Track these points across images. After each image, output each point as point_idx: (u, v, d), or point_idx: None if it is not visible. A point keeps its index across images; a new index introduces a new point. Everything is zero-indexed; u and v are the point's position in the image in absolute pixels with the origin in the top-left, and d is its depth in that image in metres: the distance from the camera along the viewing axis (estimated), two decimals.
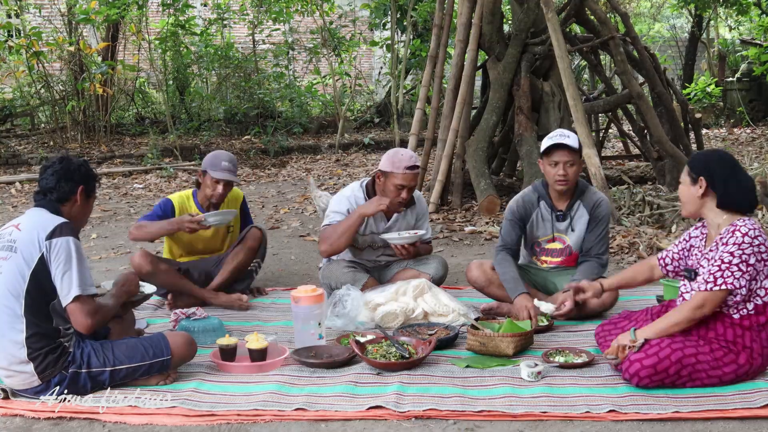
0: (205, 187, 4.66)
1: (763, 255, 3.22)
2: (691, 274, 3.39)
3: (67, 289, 3.16)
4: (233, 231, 4.91)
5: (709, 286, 3.20)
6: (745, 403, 3.09)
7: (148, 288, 3.84)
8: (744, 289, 3.20)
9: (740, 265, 3.18)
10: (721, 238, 3.26)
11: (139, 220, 4.68)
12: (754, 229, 3.22)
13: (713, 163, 3.33)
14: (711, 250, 3.30)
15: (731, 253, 3.19)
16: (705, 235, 3.45)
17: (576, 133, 7.55)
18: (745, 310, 3.26)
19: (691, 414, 3.03)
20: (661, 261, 3.62)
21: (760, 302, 3.25)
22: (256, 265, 4.87)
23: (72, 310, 3.18)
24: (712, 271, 3.21)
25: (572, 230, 4.39)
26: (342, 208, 4.58)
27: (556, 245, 4.44)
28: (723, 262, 3.20)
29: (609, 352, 3.38)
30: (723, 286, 3.18)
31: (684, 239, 3.55)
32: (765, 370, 3.36)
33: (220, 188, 4.61)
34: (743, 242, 3.19)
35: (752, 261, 3.19)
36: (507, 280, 4.25)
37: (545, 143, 4.28)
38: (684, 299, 3.40)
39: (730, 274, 3.18)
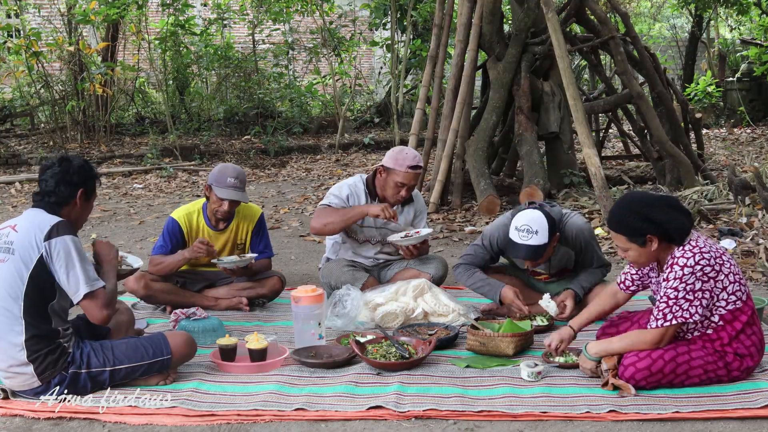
0: (211, 202, 4.54)
1: (709, 274, 3.19)
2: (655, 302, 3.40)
3: (75, 288, 3.16)
4: (242, 250, 4.72)
5: (660, 323, 3.21)
6: (745, 403, 3.09)
7: (132, 260, 3.80)
8: (697, 315, 3.20)
9: (686, 296, 3.18)
10: (667, 268, 3.25)
11: (152, 253, 4.60)
12: (693, 255, 3.18)
13: (649, 214, 3.21)
14: (665, 279, 3.27)
15: (675, 288, 3.19)
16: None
17: (577, 134, 7.58)
18: (712, 325, 3.26)
19: (691, 414, 3.03)
20: (622, 285, 3.59)
21: (724, 312, 3.25)
22: (263, 301, 4.76)
23: (85, 306, 3.21)
24: (660, 308, 3.21)
25: (550, 270, 4.37)
26: (342, 194, 4.62)
27: (542, 275, 4.44)
28: (669, 298, 3.20)
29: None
30: (673, 321, 3.20)
31: None
32: (762, 369, 3.36)
33: (225, 206, 4.47)
34: (684, 274, 3.17)
35: (698, 287, 3.17)
36: (478, 285, 4.24)
37: (512, 235, 3.97)
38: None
39: (678, 308, 3.18)
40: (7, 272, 3.15)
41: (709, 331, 3.28)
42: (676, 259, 3.21)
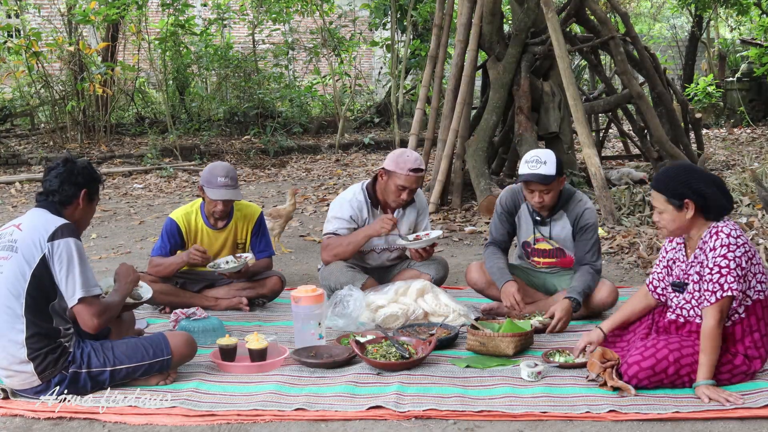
0: (207, 203, 4.54)
1: (749, 254, 3.20)
2: (681, 287, 3.37)
3: (71, 291, 3.16)
4: (242, 250, 4.74)
5: (719, 294, 3.15)
6: (745, 403, 3.08)
7: (144, 291, 3.82)
8: (740, 294, 3.18)
9: (737, 269, 3.15)
10: (705, 243, 3.23)
11: (152, 254, 4.61)
12: (736, 229, 3.20)
13: (693, 182, 3.23)
14: (696, 258, 3.26)
15: (724, 256, 3.15)
16: (683, 245, 3.41)
17: (577, 134, 7.59)
18: (735, 314, 3.25)
19: (691, 414, 3.03)
20: (650, 287, 3.55)
21: (749, 302, 3.24)
22: (263, 301, 4.76)
23: (78, 311, 3.19)
24: (714, 280, 3.16)
25: (551, 238, 4.33)
26: (344, 214, 4.54)
27: (545, 245, 4.39)
28: (721, 267, 3.15)
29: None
30: (729, 293, 3.14)
31: (662, 257, 3.52)
32: (762, 370, 3.36)
33: (219, 206, 4.47)
34: (730, 243, 3.15)
35: (744, 264, 3.17)
36: (493, 271, 4.29)
37: (521, 169, 4.20)
38: (678, 314, 3.38)
39: (733, 279, 3.14)
40: (9, 270, 3.16)
41: (728, 323, 3.25)
42: (720, 228, 3.19)
